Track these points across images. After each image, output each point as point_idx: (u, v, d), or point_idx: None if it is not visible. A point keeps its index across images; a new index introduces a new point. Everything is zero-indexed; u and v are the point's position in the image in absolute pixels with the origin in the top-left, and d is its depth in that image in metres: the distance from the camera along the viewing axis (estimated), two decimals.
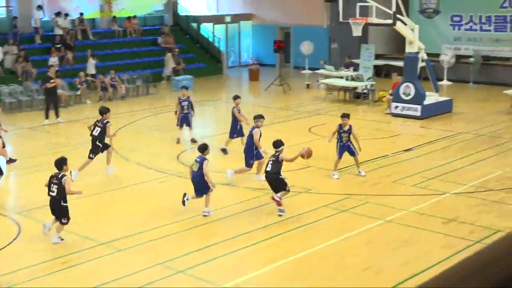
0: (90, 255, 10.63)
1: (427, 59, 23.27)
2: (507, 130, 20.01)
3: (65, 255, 10.70)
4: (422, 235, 11.42)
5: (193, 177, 12.58)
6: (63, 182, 11.05)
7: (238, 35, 38.14)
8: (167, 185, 14.72)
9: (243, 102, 26.24)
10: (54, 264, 10.37)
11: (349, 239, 11.31)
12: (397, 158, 16.89)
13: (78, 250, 10.89)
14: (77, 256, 10.66)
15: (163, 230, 11.80)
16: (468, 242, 10.98)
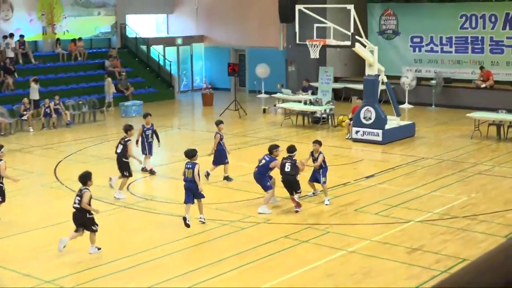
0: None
1: (387, 81, 23.67)
2: (470, 155, 20.42)
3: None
4: (386, 266, 11.53)
5: (187, 184, 13.64)
6: (83, 195, 12.03)
7: (190, 58, 38.23)
8: (116, 217, 14.57)
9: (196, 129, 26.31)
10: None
11: (310, 272, 11.35)
12: (359, 185, 17.05)
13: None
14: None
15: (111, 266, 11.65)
16: (433, 272, 11.13)
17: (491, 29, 29.77)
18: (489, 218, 14.09)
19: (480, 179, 17.53)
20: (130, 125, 16.69)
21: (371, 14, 32.93)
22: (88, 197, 12.04)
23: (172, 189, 17.10)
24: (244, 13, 36.24)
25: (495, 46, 29.79)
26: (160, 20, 39.58)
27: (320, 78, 29.77)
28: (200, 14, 38.07)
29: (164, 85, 35.06)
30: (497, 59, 29.80)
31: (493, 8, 29.68)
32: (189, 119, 29.90)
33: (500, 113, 23.44)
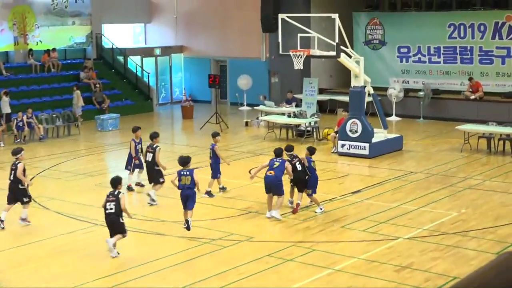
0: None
1: (374, 93, 23.78)
2: (460, 169, 20.53)
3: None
4: (374, 285, 11.53)
5: (184, 191, 14.21)
6: (120, 198, 12.83)
7: (169, 69, 38.23)
8: (92, 236, 14.49)
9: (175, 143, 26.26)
10: None
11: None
12: (345, 201, 17.08)
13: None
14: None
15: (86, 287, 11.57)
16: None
17: (480, 38, 30.04)
18: (480, 235, 14.15)
19: (470, 194, 17.61)
20: (156, 132, 17.70)
21: (357, 24, 33.14)
22: (124, 200, 13.02)
23: (150, 206, 17.02)
24: (225, 23, 36.33)
25: (484, 56, 30.06)
26: (137, 29, 39.57)
27: (304, 90, 29.84)
28: (179, 24, 38.11)
29: (142, 97, 35.01)
30: (487, 70, 30.06)
31: (482, 17, 29.96)
32: (168, 133, 29.81)
33: (490, 126, 23.61)
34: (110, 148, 25.21)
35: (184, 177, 14.25)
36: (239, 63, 35.65)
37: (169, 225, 14.99)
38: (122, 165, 22.22)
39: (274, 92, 33.74)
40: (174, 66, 38.37)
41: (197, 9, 37.39)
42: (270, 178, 15.27)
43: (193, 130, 29.55)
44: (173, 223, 15.13)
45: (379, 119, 23.63)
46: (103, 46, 35.99)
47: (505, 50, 29.51)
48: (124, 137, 27.14)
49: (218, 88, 31.70)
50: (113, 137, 27.38)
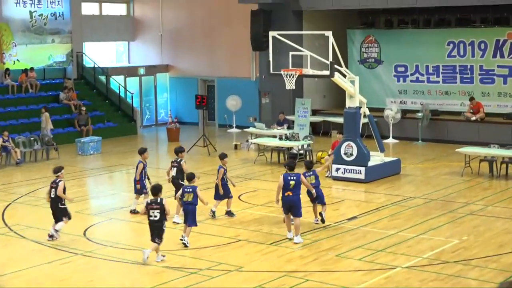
0: None
1: (369, 114, 23.84)
2: (461, 194, 20.54)
3: None
4: None
5: (186, 207, 15.32)
6: (164, 204, 14.11)
7: (154, 89, 38.25)
8: (71, 266, 14.39)
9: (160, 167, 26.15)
10: None
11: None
12: (340, 228, 17.04)
13: None
14: None
15: None
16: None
17: (480, 57, 30.22)
18: (482, 263, 14.13)
19: (472, 220, 17.61)
20: (182, 147, 18.45)
21: (351, 41, 33.30)
22: (168, 206, 14.28)
23: (134, 234, 16.95)
24: (213, 41, 36.44)
25: (485, 75, 30.22)
26: (120, 48, 39.64)
27: (296, 111, 29.89)
28: (165, 42, 38.20)
29: (125, 119, 34.98)
30: (488, 90, 30.22)
31: (482, 34, 30.16)
32: (153, 156, 29.69)
33: (492, 148, 23.67)
34: (91, 173, 25.13)
35: (187, 194, 15.34)
36: (227, 83, 35.71)
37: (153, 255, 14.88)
38: (104, 190, 22.20)
39: (265, 113, 33.77)
40: (159, 86, 38.39)
41: (183, 26, 37.51)
42: (290, 198, 15.63)
43: None
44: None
45: (375, 141, 23.67)
46: (84, 65, 36.00)
47: (507, 69, 29.68)
48: (106, 161, 27.11)
49: (205, 109, 31.72)
50: (94, 161, 27.31)
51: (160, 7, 38.09)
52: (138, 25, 38.98)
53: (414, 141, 30.18)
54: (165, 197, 14.63)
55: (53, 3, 34.33)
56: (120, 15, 38.98)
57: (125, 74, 37.02)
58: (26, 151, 27.24)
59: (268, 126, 29.30)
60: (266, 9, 32.34)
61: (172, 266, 14.13)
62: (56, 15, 34.51)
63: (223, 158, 18.27)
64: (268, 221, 17.64)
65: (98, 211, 19.16)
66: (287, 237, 15.85)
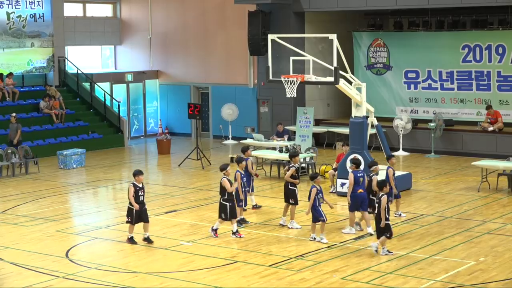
0: None
1: (377, 124, 23.87)
2: (477, 211, 20.55)
3: None
4: None
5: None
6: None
7: (142, 97, 38.28)
8: None
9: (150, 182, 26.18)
10: None
11: None
12: (346, 248, 17.04)
13: None
14: None
15: None
16: None
17: (498, 62, 30.30)
18: (501, 286, 14.13)
19: (489, 239, 17.62)
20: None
21: (358, 45, 33.40)
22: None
23: (119, 255, 16.93)
24: (207, 44, 36.51)
25: (503, 82, 30.29)
26: (106, 52, 39.70)
27: (298, 121, 29.92)
28: (155, 46, 38.28)
29: (112, 129, 34.98)
30: (507, 98, 30.28)
31: (500, 37, 30.24)
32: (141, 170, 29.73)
33: (511, 161, 23.71)
34: (74, 188, 25.12)
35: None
36: (223, 90, 35.75)
37: (142, 277, 14.88)
38: (88, 207, 22.19)
39: (264, 123, 33.81)
40: (149, 94, 38.42)
41: (174, 29, 37.58)
42: (362, 195, 17.84)
43: (171, 167, 29.49)
44: (146, 274, 15.04)
45: (384, 153, 23.70)
46: (66, 71, 36.03)
47: None
48: (91, 175, 27.10)
49: (199, 119, 31.68)
50: (78, 175, 27.30)
51: (149, 8, 38.18)
52: (125, 27, 39.06)
53: (426, 153, 30.21)
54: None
55: (32, 4, 34.40)
56: (106, 17, 39.05)
57: (111, 81, 37.04)
58: (3, 164, 27.23)
59: (267, 137, 29.32)
60: (264, 10, 32.43)
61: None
62: (36, 16, 34.57)
63: (241, 162, 19.26)
64: (267, 240, 17.63)
65: (81, 230, 19.13)
66: (369, 232, 17.72)
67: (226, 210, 17.58)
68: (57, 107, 33.08)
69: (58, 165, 28.54)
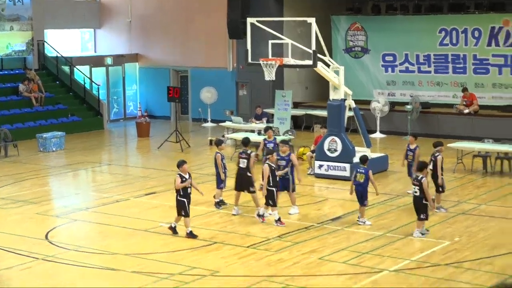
0: None
1: (355, 107, 23.92)
2: (453, 192, 20.68)
3: None
4: None
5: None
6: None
7: (122, 80, 38.13)
8: (32, 272, 14.36)
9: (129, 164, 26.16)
10: None
11: None
12: (323, 229, 17.11)
13: None
14: None
15: None
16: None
17: (474, 45, 30.41)
18: (475, 266, 14.26)
19: (464, 220, 17.76)
20: (248, 138, 19.31)
21: (336, 29, 33.39)
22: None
23: (99, 236, 16.92)
24: (186, 28, 36.37)
25: (479, 65, 30.42)
26: (86, 36, 39.47)
27: (276, 104, 29.94)
28: (134, 29, 38.09)
29: (91, 113, 34.85)
30: (482, 80, 30.40)
31: (476, 21, 30.34)
32: (121, 153, 29.69)
33: (486, 143, 23.86)
34: (54, 171, 25.02)
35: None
36: (202, 73, 35.67)
37: (121, 258, 14.89)
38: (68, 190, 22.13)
39: (242, 106, 33.79)
40: (128, 77, 38.26)
41: (154, 13, 37.39)
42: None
43: (150, 149, 29.43)
44: (126, 256, 15.04)
45: (361, 136, 23.77)
46: (46, 54, 35.78)
47: (502, 59, 29.90)
48: (70, 158, 26.99)
49: (178, 102, 31.67)
50: (57, 158, 27.17)
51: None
52: (105, 11, 38.81)
53: (403, 135, 30.30)
54: None
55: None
56: (85, 0, 38.77)
57: (90, 64, 36.85)
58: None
59: (246, 120, 29.32)
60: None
61: (141, 271, 14.12)
62: (15, 0, 34.30)
63: (220, 144, 19.37)
64: (245, 222, 17.68)
65: (61, 212, 19.07)
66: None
67: (274, 195, 17.52)
68: (36, 91, 32.90)
69: (38, 148, 28.40)
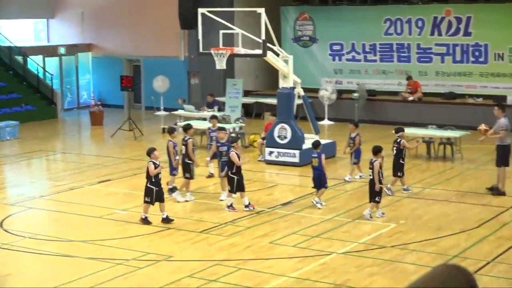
0: None
1: (304, 95, 24.04)
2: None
3: None
4: None
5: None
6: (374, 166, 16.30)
7: (75, 70, 37.77)
8: None
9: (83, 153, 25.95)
10: None
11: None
12: (274, 214, 17.20)
13: None
14: None
15: None
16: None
17: (418, 35, 30.76)
18: (420, 247, 14.48)
19: (409, 203, 18.01)
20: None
21: (285, 19, 33.48)
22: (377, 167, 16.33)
23: (54, 224, 16.80)
24: (139, 18, 36.13)
25: (422, 54, 30.79)
26: (39, 26, 38.98)
27: (227, 92, 29.94)
28: (87, 19, 37.72)
29: (45, 102, 34.49)
30: (426, 69, 30.80)
31: (420, 11, 30.70)
32: (74, 141, 29.46)
33: (429, 129, 24.19)
34: (8, 160, 24.71)
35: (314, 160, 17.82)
36: (154, 63, 35.50)
37: (77, 245, 14.81)
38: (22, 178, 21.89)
39: (194, 95, 33.74)
40: (81, 67, 37.93)
41: (107, 3, 37.07)
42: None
43: (104, 138, 29.25)
44: (82, 242, 14.96)
45: (310, 123, 23.90)
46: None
47: (445, 48, 30.30)
48: (24, 147, 26.69)
49: (131, 91, 31.51)
50: (11, 147, 26.85)
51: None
52: (57, 1, 38.34)
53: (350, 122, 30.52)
54: None
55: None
56: None
57: (44, 54, 36.43)
58: None
59: (197, 108, 29.27)
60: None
61: (97, 257, 14.06)
62: None
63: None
64: (198, 208, 17.70)
65: (16, 200, 18.87)
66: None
67: (234, 183, 17.09)
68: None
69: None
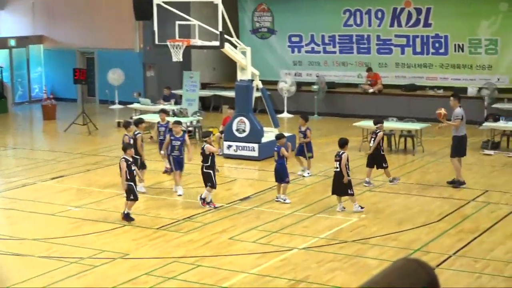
0: None
1: (262, 87, 24.01)
2: (359, 170, 20.91)
3: None
4: None
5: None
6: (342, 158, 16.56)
7: (26, 62, 37.32)
8: None
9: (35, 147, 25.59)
10: None
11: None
12: (233, 209, 17.14)
13: None
14: None
15: None
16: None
17: (377, 26, 30.89)
18: (381, 242, 14.52)
19: (370, 197, 18.07)
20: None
21: (243, 10, 33.39)
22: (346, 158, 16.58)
23: (6, 221, 16.55)
24: (92, 9, 35.80)
25: (382, 45, 30.93)
26: None
27: (184, 85, 29.79)
28: (38, 10, 37.28)
29: None
30: (385, 60, 30.93)
31: (379, 2, 30.79)
32: (26, 136, 29.09)
33: (390, 121, 24.27)
34: None
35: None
36: (109, 55, 35.21)
37: (29, 244, 14.58)
38: None
39: (150, 87, 33.55)
40: (33, 59, 37.50)
41: None
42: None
43: (57, 132, 28.92)
44: (34, 241, 14.74)
45: (269, 116, 23.87)
46: None
47: (405, 39, 30.46)
48: None
49: (84, 84, 31.18)
50: None
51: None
52: None
53: (310, 115, 30.55)
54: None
55: None
56: None
57: None
58: None
59: (153, 101, 29.09)
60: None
61: (50, 255, 13.88)
62: None
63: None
64: (155, 204, 17.56)
65: None
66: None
67: (212, 177, 16.89)
68: None
69: None
